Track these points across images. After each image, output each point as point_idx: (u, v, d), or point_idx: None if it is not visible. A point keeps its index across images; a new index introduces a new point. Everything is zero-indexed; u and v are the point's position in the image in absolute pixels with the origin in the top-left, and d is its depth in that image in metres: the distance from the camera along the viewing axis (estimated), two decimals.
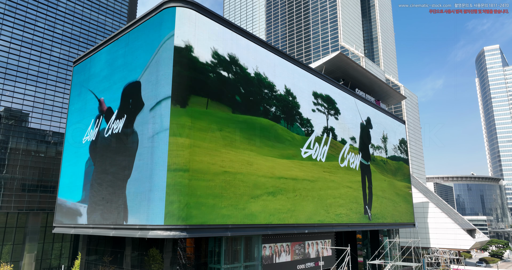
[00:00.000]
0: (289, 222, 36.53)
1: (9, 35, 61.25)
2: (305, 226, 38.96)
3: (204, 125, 29.73)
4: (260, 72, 36.51)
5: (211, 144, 29.92)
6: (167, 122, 28.11)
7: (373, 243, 59.39)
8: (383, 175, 58.42)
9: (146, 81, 31.26)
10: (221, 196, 29.72)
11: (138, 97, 31.63)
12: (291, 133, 39.49)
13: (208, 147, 29.61)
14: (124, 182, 30.79)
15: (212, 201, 28.96)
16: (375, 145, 57.34)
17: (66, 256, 63.76)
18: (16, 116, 60.33)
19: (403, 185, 64.59)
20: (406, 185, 65.55)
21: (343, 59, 55.26)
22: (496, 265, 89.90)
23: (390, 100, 70.19)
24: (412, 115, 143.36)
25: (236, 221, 30.60)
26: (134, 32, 34.70)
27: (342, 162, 47.83)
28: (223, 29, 33.30)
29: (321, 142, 44.07)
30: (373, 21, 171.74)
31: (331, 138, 46.36)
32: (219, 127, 30.90)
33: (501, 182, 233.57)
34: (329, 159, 45.22)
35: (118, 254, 36.87)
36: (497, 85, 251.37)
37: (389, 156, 61.62)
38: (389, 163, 61.15)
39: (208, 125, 29.99)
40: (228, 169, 30.86)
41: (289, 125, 39.44)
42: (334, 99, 48.44)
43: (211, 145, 29.89)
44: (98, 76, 39.23)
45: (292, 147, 39.25)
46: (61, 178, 42.58)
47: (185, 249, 31.27)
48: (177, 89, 28.77)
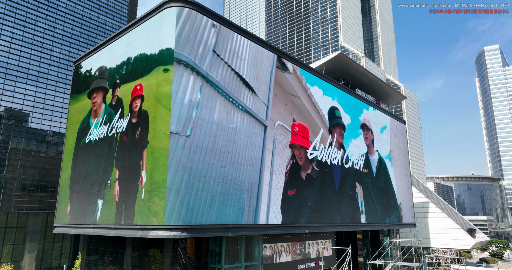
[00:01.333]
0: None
1: (10, 35, 61.23)
2: (305, 226, 38.96)
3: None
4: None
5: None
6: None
7: (374, 243, 59.39)
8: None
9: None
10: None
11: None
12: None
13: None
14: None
15: (213, 200, 29.00)
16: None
17: (67, 256, 63.76)
18: (17, 116, 60.31)
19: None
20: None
21: (343, 59, 55.25)
22: (496, 265, 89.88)
23: (391, 100, 70.16)
24: (413, 115, 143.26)
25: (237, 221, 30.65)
26: (135, 32, 34.70)
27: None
28: (225, 29, 33.27)
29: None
30: (373, 21, 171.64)
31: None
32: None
33: (501, 182, 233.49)
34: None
35: (119, 254, 36.86)
36: (497, 85, 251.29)
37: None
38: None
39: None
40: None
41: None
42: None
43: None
44: None
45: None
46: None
47: (186, 249, 31.28)
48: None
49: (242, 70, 33.94)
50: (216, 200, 29.33)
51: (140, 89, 32.00)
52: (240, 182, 31.70)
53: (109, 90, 37.06)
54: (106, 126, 35.90)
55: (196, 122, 28.93)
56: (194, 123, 28.77)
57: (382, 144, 58.70)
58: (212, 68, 31.07)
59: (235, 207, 30.84)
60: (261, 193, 33.59)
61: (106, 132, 35.65)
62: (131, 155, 31.06)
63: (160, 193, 26.89)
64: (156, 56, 30.72)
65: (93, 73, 40.94)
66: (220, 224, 29.27)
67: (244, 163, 32.43)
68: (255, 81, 35.16)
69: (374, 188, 54.55)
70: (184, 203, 26.99)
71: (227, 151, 31.02)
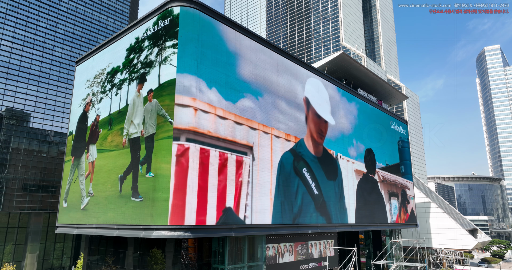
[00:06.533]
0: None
1: (11, 35, 61.19)
2: (308, 226, 38.86)
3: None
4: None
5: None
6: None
7: (375, 243, 59.31)
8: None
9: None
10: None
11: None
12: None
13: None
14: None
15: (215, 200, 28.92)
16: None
17: (68, 256, 63.71)
18: (18, 116, 60.25)
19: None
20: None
21: (345, 59, 55.08)
22: (498, 265, 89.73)
23: (392, 100, 69.98)
24: (414, 115, 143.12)
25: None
26: (137, 32, 34.60)
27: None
28: (227, 29, 33.17)
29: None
30: (374, 21, 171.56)
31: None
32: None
33: (502, 182, 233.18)
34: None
35: (120, 254, 36.76)
36: (498, 85, 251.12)
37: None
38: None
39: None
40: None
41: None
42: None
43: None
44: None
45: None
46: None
47: (188, 249, 31.18)
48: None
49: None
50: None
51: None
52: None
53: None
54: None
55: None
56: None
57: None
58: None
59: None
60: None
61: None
62: (136, 153, 31.01)
63: (164, 192, 26.79)
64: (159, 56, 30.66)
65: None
66: (224, 224, 29.18)
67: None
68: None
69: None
70: (188, 202, 26.90)
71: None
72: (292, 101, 39.70)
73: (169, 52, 29.58)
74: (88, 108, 40.21)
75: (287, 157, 37.49)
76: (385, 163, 57.74)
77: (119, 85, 35.42)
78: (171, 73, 28.92)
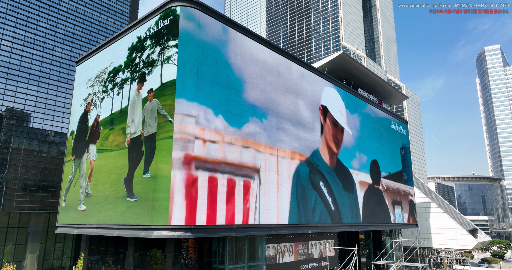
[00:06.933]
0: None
1: (11, 35, 61.17)
2: (308, 226, 38.86)
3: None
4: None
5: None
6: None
7: (376, 243, 59.30)
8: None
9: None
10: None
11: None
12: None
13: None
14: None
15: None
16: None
17: (68, 256, 63.69)
18: (18, 116, 60.24)
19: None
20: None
21: (346, 59, 55.07)
22: (498, 265, 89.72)
23: (393, 100, 69.96)
24: (414, 115, 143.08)
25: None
26: (138, 31, 34.56)
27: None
28: (228, 29, 33.17)
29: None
30: (374, 21, 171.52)
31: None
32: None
33: (502, 182, 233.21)
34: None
35: (121, 254, 36.75)
36: (498, 85, 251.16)
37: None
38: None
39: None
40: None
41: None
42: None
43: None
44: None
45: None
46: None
47: (188, 249, 31.16)
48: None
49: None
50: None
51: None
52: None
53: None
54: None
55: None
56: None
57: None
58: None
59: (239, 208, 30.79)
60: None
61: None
62: (138, 153, 31.00)
63: (164, 192, 26.78)
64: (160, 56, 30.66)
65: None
66: (224, 224, 29.17)
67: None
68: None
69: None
70: (188, 202, 26.88)
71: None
72: (309, 106, 40.64)
73: (172, 51, 29.56)
74: (89, 107, 40.17)
75: (303, 169, 38.29)
76: (388, 172, 57.48)
77: (121, 85, 35.39)
78: (173, 72, 28.92)
